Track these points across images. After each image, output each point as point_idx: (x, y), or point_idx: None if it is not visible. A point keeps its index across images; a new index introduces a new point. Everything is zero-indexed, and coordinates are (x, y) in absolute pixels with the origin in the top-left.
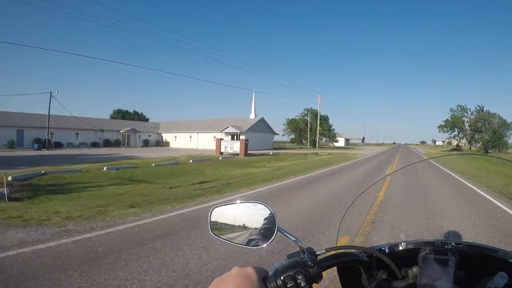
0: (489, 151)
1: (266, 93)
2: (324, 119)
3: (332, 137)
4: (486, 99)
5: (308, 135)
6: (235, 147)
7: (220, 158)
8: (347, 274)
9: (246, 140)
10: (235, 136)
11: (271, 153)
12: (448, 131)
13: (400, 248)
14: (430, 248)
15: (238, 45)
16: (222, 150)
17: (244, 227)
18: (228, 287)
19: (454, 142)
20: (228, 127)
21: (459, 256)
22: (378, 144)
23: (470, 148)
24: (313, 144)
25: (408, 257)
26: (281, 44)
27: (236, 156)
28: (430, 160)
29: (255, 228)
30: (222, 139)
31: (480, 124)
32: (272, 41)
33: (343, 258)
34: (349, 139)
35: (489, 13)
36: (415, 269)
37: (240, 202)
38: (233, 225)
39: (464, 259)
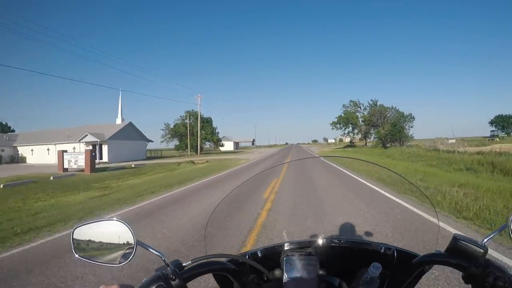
0: (387, 145)
1: (138, 93)
2: (207, 121)
3: (217, 141)
4: (380, 94)
5: (189, 140)
6: (80, 161)
7: (52, 178)
8: (225, 282)
9: (92, 151)
10: (97, 146)
11: (132, 165)
12: (342, 128)
13: (274, 250)
14: (291, 249)
15: (102, 38)
16: (66, 165)
17: (105, 245)
18: None
19: (346, 139)
20: (86, 135)
21: (330, 253)
22: (269, 146)
23: (365, 144)
24: (197, 149)
25: (278, 259)
26: (154, 41)
27: (80, 172)
28: (321, 158)
29: (116, 244)
30: (66, 151)
31: (375, 118)
32: (145, 37)
33: (207, 268)
34: (238, 142)
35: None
36: (277, 272)
37: (99, 221)
38: (95, 243)
39: (338, 253)
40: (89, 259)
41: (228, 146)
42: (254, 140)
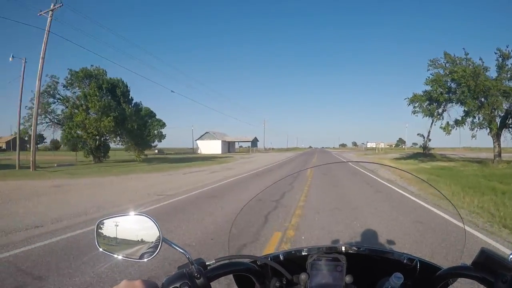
0: None
1: None
2: (112, 86)
3: (152, 137)
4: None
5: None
6: None
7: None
8: (244, 283)
9: None
10: None
11: None
12: (432, 105)
13: (296, 254)
14: (318, 254)
15: None
16: None
17: (130, 240)
18: None
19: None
20: None
21: (352, 260)
22: (286, 149)
23: (499, 153)
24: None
25: (302, 263)
26: None
27: None
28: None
29: (141, 240)
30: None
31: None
32: None
33: (231, 268)
34: (233, 141)
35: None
36: (303, 276)
37: (124, 215)
38: (120, 238)
39: (360, 261)
40: (113, 253)
41: (213, 147)
42: (256, 140)
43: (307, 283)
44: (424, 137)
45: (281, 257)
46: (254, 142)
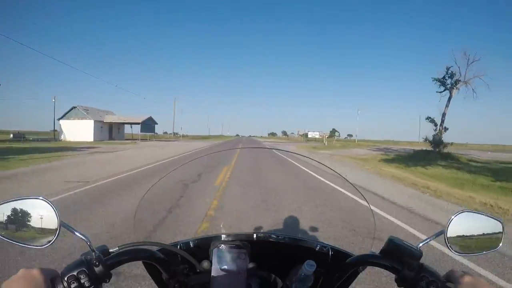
0: None
1: None
2: None
3: None
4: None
5: None
6: None
7: None
8: (154, 271)
9: None
10: None
11: None
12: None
13: (206, 242)
14: (220, 241)
15: None
16: None
17: (26, 225)
18: None
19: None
20: None
21: (260, 248)
22: (203, 137)
23: None
24: None
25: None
26: None
27: None
28: None
29: (38, 225)
30: None
31: None
32: None
33: (133, 255)
34: (116, 123)
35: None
36: (205, 263)
37: (21, 199)
38: (20, 223)
39: (270, 249)
40: (10, 240)
41: (83, 130)
42: (152, 121)
43: (210, 269)
44: (435, 125)
45: (191, 244)
46: (148, 125)
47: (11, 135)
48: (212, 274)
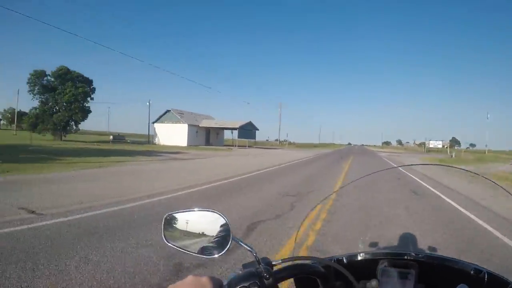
0: None
1: None
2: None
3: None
4: None
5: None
6: None
7: None
8: (304, 285)
9: None
10: None
11: None
12: None
13: (359, 258)
14: (389, 260)
15: None
16: None
17: (198, 235)
18: None
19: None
20: None
21: (418, 268)
22: (314, 145)
23: None
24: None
25: (367, 269)
26: None
27: None
28: None
29: (209, 236)
30: None
31: None
32: None
33: (299, 270)
34: (213, 128)
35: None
36: (373, 283)
37: (195, 210)
38: (187, 232)
39: (424, 270)
40: (180, 248)
41: (177, 134)
42: (252, 127)
43: None
44: None
45: (345, 260)
46: (248, 130)
47: (111, 137)
48: None
